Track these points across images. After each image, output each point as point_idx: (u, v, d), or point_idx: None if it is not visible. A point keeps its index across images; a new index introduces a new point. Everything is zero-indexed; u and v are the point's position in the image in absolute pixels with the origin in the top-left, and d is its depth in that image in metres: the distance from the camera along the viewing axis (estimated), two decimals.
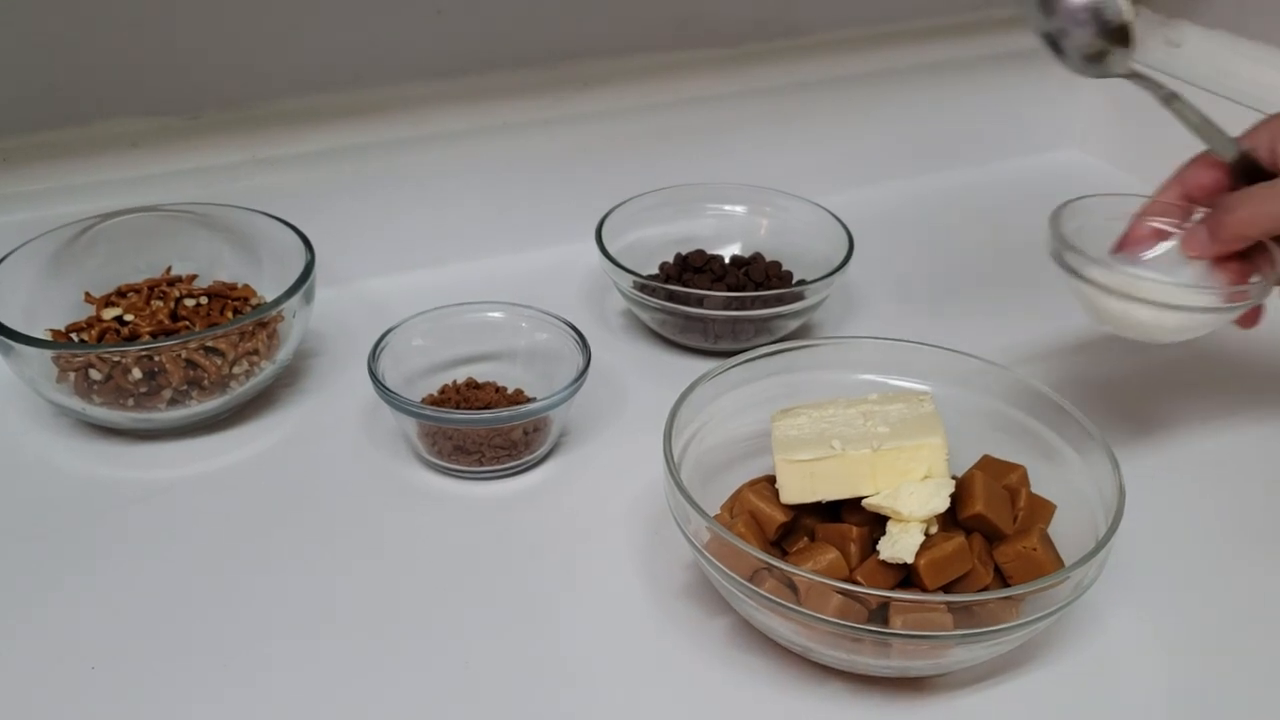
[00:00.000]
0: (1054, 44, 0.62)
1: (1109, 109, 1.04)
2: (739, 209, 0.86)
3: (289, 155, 0.81)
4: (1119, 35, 0.60)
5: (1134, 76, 0.62)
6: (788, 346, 0.65)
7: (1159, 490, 0.64)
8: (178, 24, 0.76)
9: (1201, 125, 0.61)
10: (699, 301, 0.74)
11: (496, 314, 0.72)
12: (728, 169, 0.88)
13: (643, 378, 0.75)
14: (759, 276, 0.79)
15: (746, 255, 0.83)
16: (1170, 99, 0.61)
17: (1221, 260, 0.60)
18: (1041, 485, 0.60)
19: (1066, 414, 0.60)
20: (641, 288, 0.76)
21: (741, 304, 0.75)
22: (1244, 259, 0.60)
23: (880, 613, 0.51)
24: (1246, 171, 0.61)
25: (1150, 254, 0.62)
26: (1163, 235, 0.63)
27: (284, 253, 0.73)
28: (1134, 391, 0.74)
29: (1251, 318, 0.63)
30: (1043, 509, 0.59)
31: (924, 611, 0.50)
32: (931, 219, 0.96)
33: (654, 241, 0.83)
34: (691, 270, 0.80)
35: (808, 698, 0.53)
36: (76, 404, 0.67)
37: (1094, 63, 0.61)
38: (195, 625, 0.57)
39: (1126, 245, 0.63)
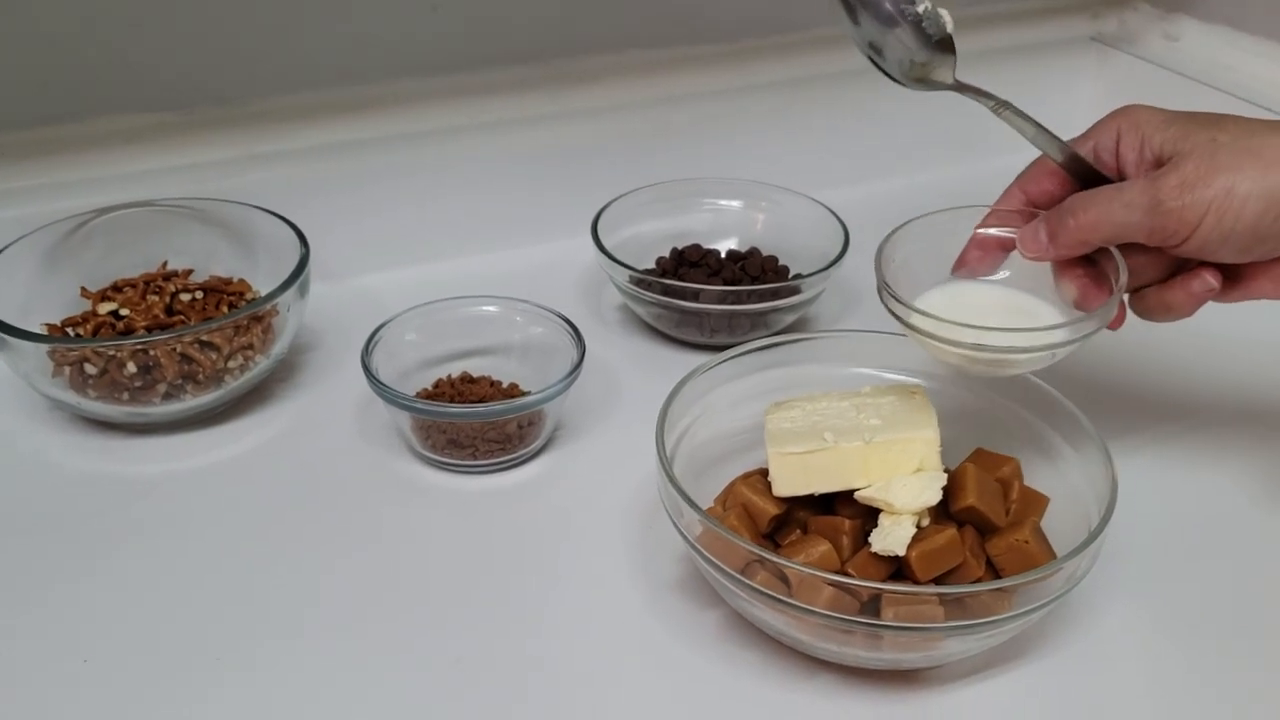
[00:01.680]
0: (875, 54, 0.57)
1: (1109, 101, 1.03)
2: (735, 204, 0.86)
3: (284, 150, 0.81)
4: (942, 46, 0.56)
5: (960, 88, 0.57)
6: (780, 340, 0.65)
7: (1152, 483, 0.64)
8: (173, 20, 0.76)
9: (1036, 133, 0.57)
10: (695, 296, 0.74)
11: (491, 308, 0.72)
12: (724, 164, 0.88)
13: (638, 372, 0.75)
14: (755, 271, 0.79)
15: (743, 250, 0.83)
16: (1000, 108, 0.57)
17: (1065, 266, 0.57)
18: (1035, 478, 0.60)
19: (1060, 407, 0.60)
20: (637, 282, 0.76)
21: (737, 298, 0.74)
22: (1088, 263, 0.56)
23: (872, 605, 0.51)
24: (1083, 177, 0.58)
25: (984, 279, 0.59)
26: (1005, 245, 0.59)
27: (279, 247, 0.73)
28: (1128, 384, 0.74)
29: (1117, 320, 0.58)
30: (1036, 502, 0.59)
31: (915, 604, 0.50)
32: None
33: (650, 236, 0.83)
34: (687, 265, 0.80)
35: (800, 690, 0.53)
36: (71, 398, 0.67)
37: (918, 75, 0.57)
38: (188, 618, 0.57)
39: (965, 261, 0.59)
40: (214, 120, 0.80)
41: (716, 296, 0.74)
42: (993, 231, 0.59)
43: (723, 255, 0.82)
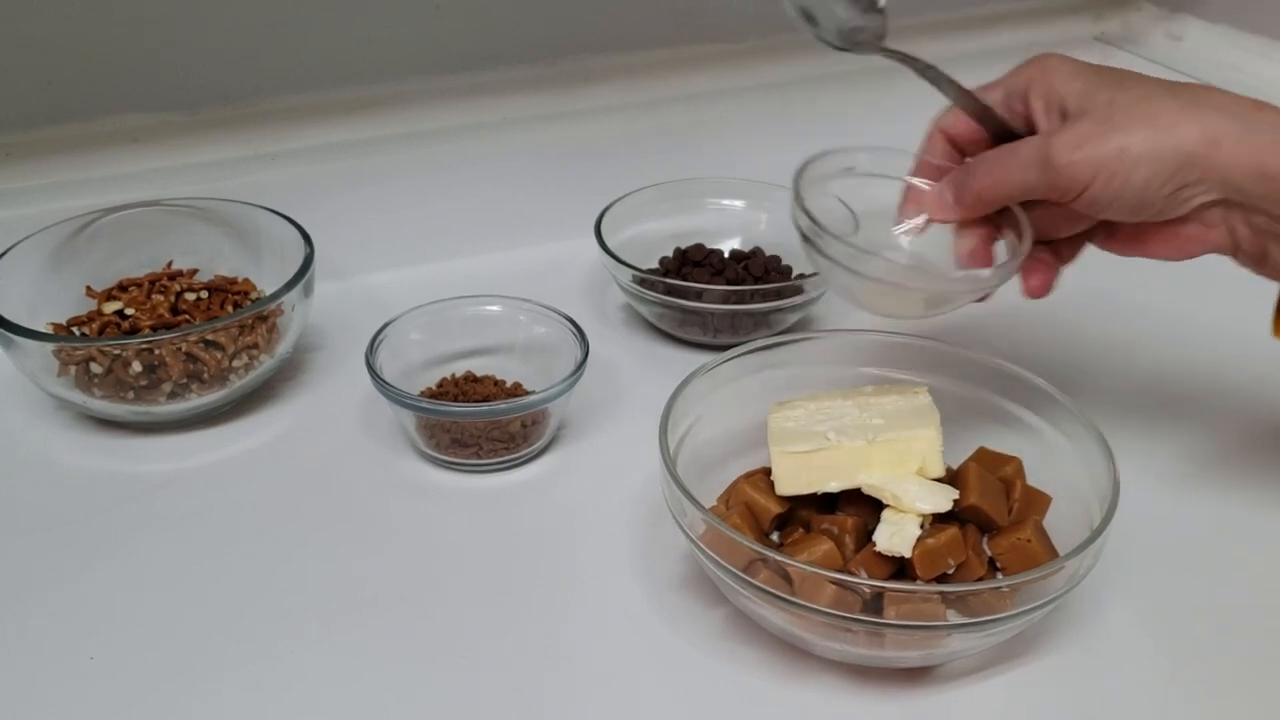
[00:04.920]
0: (807, 17, 0.57)
1: None
2: (739, 203, 0.86)
3: (289, 150, 0.81)
4: (872, 13, 0.56)
5: (887, 52, 0.57)
6: (783, 340, 0.65)
7: (1155, 481, 0.64)
8: (178, 21, 0.76)
9: (958, 95, 0.57)
10: (698, 295, 0.74)
11: (494, 307, 0.72)
12: (727, 163, 0.88)
13: (642, 371, 0.75)
14: (758, 271, 0.79)
15: (746, 249, 0.83)
16: (926, 70, 0.57)
17: (968, 224, 0.57)
18: (1037, 477, 0.60)
19: (1062, 406, 0.60)
20: (641, 282, 0.76)
21: (740, 298, 0.75)
22: (992, 224, 0.58)
23: (875, 603, 0.51)
24: (997, 132, 0.58)
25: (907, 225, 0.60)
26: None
27: (284, 247, 0.73)
28: (1131, 385, 0.74)
29: (1041, 288, 0.59)
30: (1038, 501, 0.59)
31: (918, 602, 0.50)
32: None
33: (653, 236, 0.83)
34: (691, 264, 0.80)
35: (804, 689, 0.53)
36: (77, 397, 0.67)
37: (851, 40, 0.57)
38: (193, 616, 0.57)
39: (902, 216, 0.60)
40: (220, 120, 0.80)
41: (720, 296, 0.74)
42: (918, 183, 0.60)
43: (726, 255, 0.82)
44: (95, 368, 0.66)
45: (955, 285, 0.57)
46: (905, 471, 0.56)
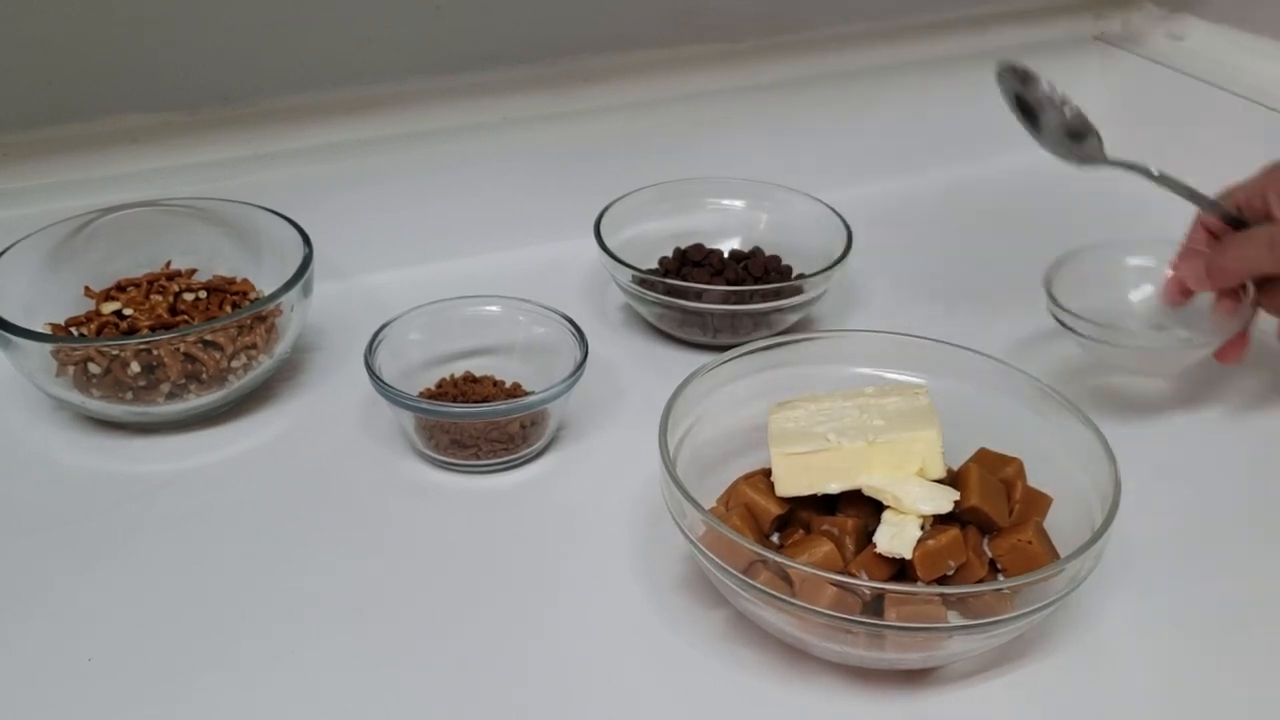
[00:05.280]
0: (1024, 110, 0.69)
1: (1112, 101, 1.03)
2: (738, 203, 0.86)
3: (288, 150, 0.81)
4: (1088, 135, 0.68)
5: (1115, 164, 0.68)
6: (783, 340, 0.65)
7: (1155, 483, 0.64)
8: (178, 21, 0.76)
9: (1189, 192, 0.68)
10: (698, 296, 0.74)
11: (494, 308, 0.72)
12: (727, 164, 0.88)
13: (642, 372, 0.75)
14: (758, 271, 0.79)
15: (746, 250, 0.83)
16: (1159, 178, 0.68)
17: (1222, 294, 0.69)
18: (1038, 478, 0.60)
19: (1063, 407, 0.60)
20: (640, 282, 0.76)
21: (740, 298, 0.74)
22: (1235, 297, 0.69)
23: (875, 605, 0.51)
24: (1233, 221, 0.69)
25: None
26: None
27: (283, 247, 0.73)
28: (1131, 385, 0.74)
29: (1234, 353, 0.69)
30: (1039, 502, 0.59)
31: (918, 604, 0.50)
32: (931, 213, 0.96)
33: (653, 236, 0.83)
34: (690, 264, 0.80)
35: (804, 691, 0.53)
36: (75, 397, 0.67)
37: (1074, 152, 0.68)
38: (191, 617, 0.57)
39: (1169, 298, 0.73)
40: (219, 120, 0.80)
41: (719, 296, 0.74)
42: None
43: (726, 255, 0.82)
44: (93, 368, 0.66)
45: (1190, 343, 0.71)
46: (906, 473, 0.56)
